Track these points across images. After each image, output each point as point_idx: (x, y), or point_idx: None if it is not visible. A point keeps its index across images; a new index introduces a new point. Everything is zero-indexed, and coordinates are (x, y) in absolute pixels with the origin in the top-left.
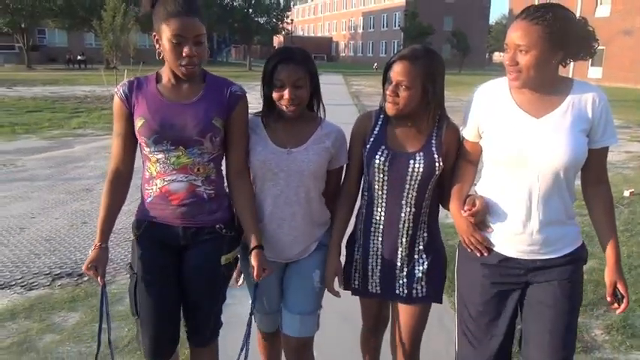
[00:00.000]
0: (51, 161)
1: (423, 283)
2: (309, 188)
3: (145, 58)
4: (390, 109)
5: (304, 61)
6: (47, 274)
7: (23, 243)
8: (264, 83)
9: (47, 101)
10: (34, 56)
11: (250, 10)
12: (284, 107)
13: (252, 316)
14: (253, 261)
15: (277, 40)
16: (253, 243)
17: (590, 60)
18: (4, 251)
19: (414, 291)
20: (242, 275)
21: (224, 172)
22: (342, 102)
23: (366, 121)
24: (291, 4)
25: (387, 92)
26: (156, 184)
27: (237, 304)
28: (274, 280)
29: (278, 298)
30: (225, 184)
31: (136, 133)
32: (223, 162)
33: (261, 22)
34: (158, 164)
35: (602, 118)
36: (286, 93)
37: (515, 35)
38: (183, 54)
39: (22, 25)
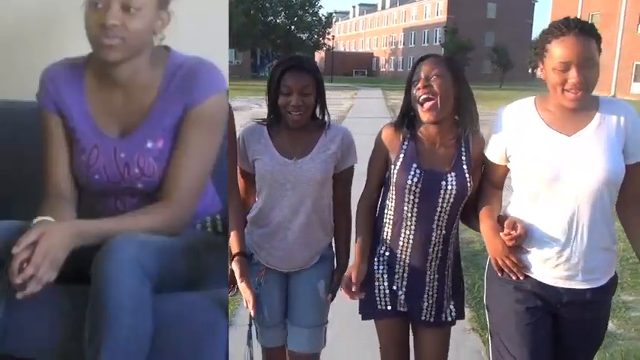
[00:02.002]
0: None
1: (451, 307)
2: (316, 197)
3: None
4: (427, 107)
5: (312, 70)
6: None
7: None
8: (269, 90)
9: None
10: None
11: (293, 27)
12: (289, 115)
13: (252, 328)
14: (234, 267)
15: (319, 56)
16: (235, 250)
17: (634, 75)
18: None
19: (444, 315)
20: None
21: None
22: (379, 115)
23: (393, 131)
24: (333, 20)
25: (417, 89)
26: None
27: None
28: (276, 291)
29: (281, 309)
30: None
31: None
32: None
33: (303, 37)
34: None
35: (636, 132)
36: (293, 99)
37: (581, 50)
38: None
39: None
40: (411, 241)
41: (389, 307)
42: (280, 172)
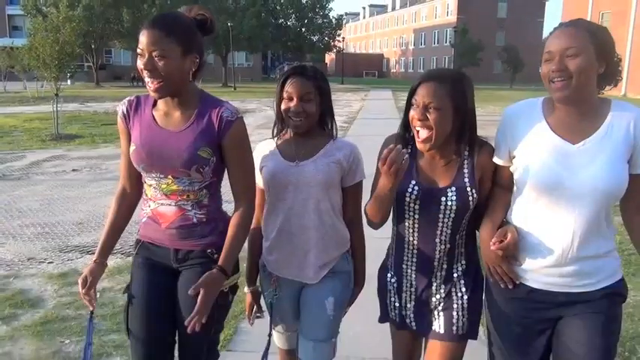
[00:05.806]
0: None
1: (464, 320)
2: (318, 200)
3: (204, 76)
4: (422, 139)
5: (314, 77)
6: None
7: None
8: (277, 97)
9: None
10: (101, 75)
11: (303, 29)
12: (290, 121)
13: (270, 337)
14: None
15: (329, 58)
16: (219, 262)
17: None
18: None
19: (454, 327)
20: (254, 312)
21: (223, 195)
22: (389, 116)
23: (392, 144)
24: (343, 22)
25: (414, 117)
26: (149, 206)
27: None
28: (289, 301)
29: (293, 318)
30: (223, 206)
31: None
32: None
33: (314, 39)
34: (151, 188)
35: None
36: (292, 104)
37: (563, 40)
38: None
39: (92, 46)
40: (415, 256)
41: (397, 320)
42: (281, 173)
